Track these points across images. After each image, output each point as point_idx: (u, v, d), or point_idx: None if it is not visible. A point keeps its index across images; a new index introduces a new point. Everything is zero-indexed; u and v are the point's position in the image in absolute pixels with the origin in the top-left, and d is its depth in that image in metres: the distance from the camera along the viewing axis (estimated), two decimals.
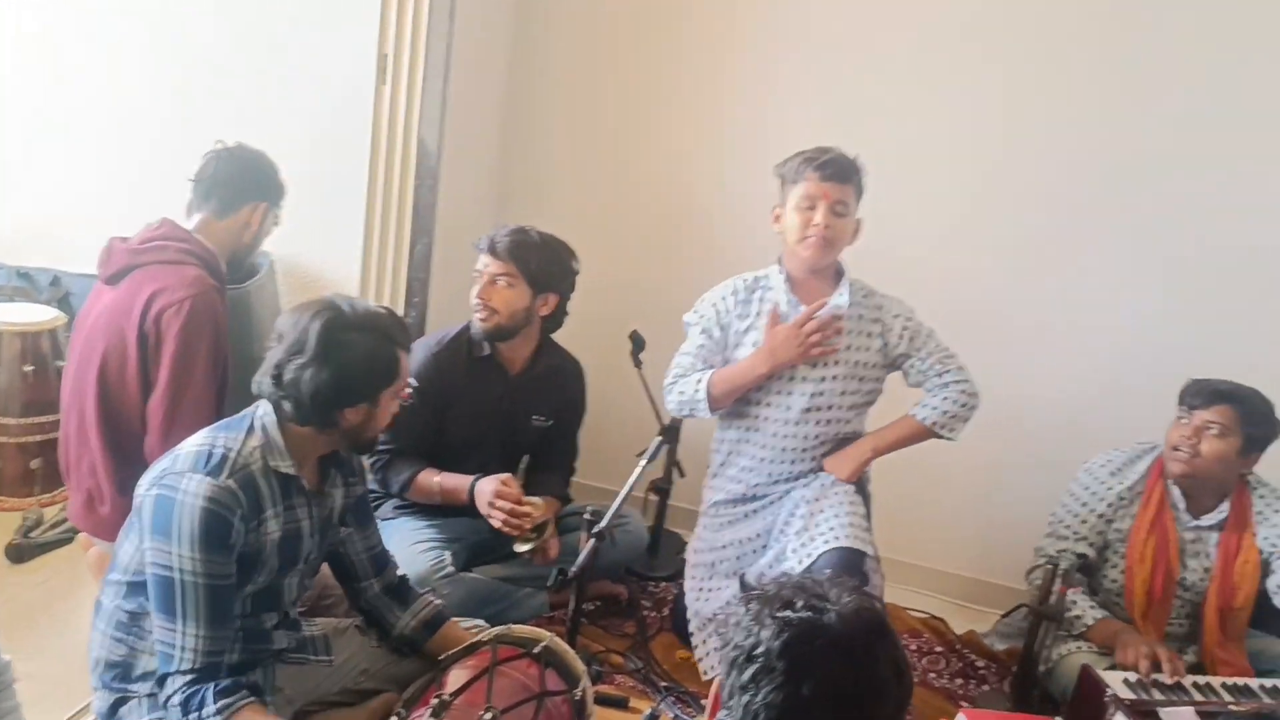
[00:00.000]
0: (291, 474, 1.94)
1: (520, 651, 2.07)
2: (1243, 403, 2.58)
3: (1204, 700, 2.41)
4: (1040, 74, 3.18)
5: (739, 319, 2.69)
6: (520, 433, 2.91)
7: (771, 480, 2.73)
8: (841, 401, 2.66)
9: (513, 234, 2.77)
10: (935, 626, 3.21)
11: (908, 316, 2.68)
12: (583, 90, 3.62)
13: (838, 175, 2.53)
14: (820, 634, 1.19)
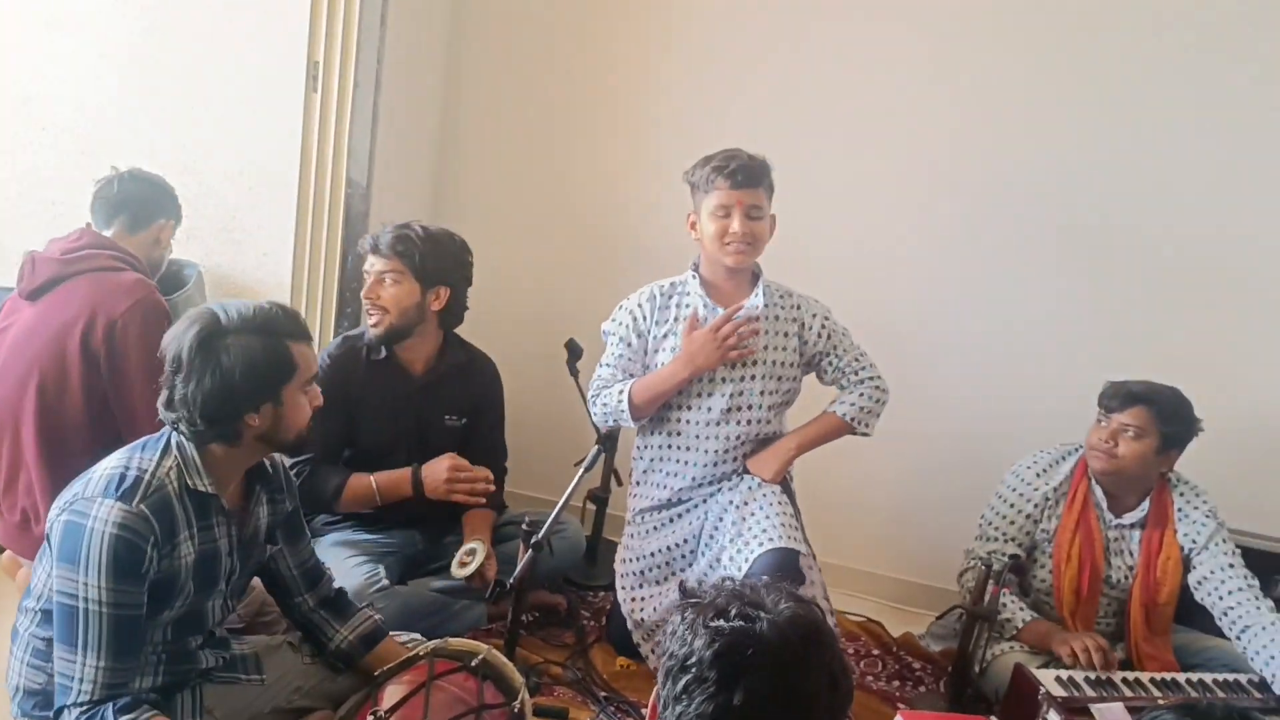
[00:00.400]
0: (210, 493, 1.89)
1: (457, 665, 2.06)
2: (1157, 404, 2.65)
3: (1133, 695, 2.46)
4: (961, 78, 3.24)
5: (657, 325, 2.71)
6: (434, 435, 2.85)
7: (696, 484, 2.74)
8: (762, 401, 2.69)
9: (396, 230, 2.72)
10: (872, 629, 3.24)
11: (825, 316, 2.76)
12: (518, 100, 3.61)
13: (748, 181, 2.56)
14: (752, 643, 1.18)
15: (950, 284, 3.34)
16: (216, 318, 1.85)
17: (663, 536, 2.77)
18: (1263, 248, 3.09)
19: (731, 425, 2.69)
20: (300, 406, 1.93)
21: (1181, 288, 3.17)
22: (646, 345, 2.72)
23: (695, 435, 2.70)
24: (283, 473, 2.11)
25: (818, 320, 2.73)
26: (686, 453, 2.72)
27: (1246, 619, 2.56)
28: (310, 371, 1.94)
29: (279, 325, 1.88)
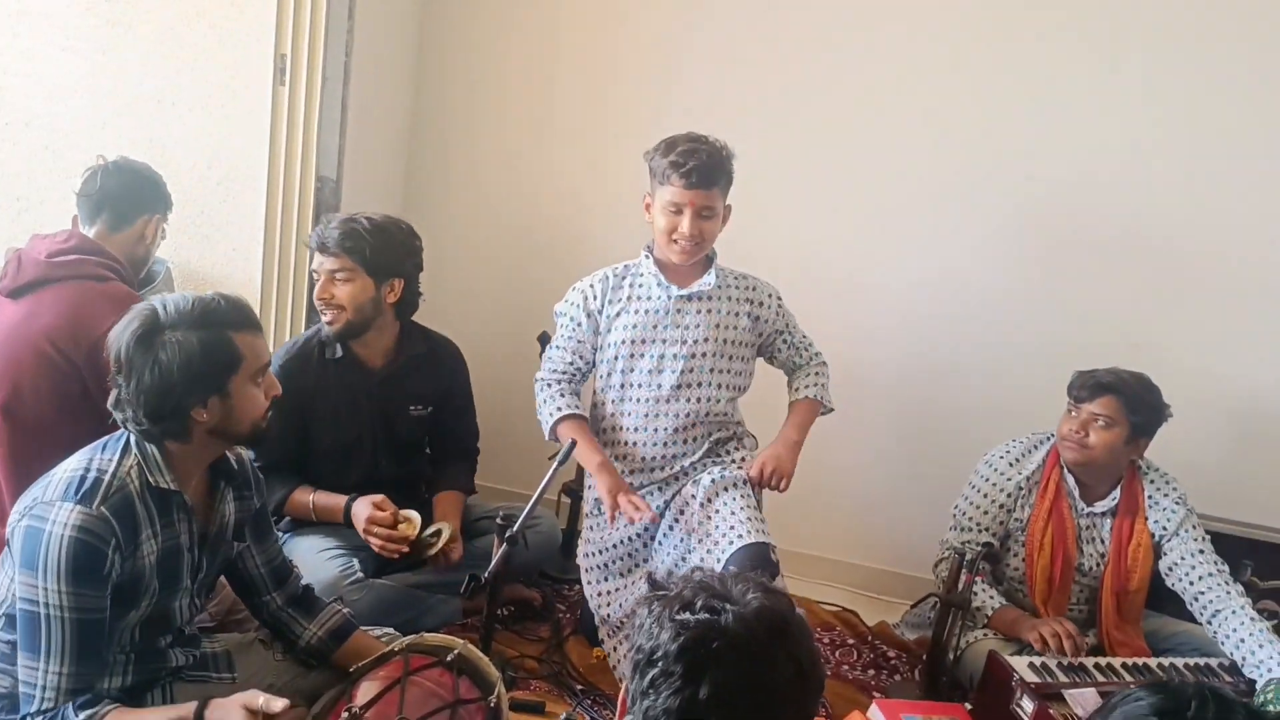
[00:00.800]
0: (172, 489, 1.86)
1: (433, 660, 2.03)
2: (1126, 393, 2.67)
3: (1106, 680, 2.48)
4: (919, 60, 3.25)
5: (610, 304, 2.71)
6: (401, 427, 2.82)
7: (648, 467, 2.73)
8: (712, 379, 2.70)
9: (342, 225, 2.64)
10: (847, 619, 3.25)
11: (779, 297, 2.81)
12: (487, 93, 3.59)
13: (702, 182, 2.54)
14: (717, 636, 1.18)
15: (920, 274, 3.35)
16: (155, 313, 1.81)
17: (623, 527, 2.77)
18: (1229, 233, 3.12)
19: (681, 403, 2.69)
20: (251, 397, 1.88)
21: (1149, 273, 3.19)
22: (598, 324, 2.73)
23: (644, 414, 2.70)
24: (250, 469, 2.09)
25: (773, 300, 2.77)
26: (635, 434, 2.72)
27: (1217, 604, 2.59)
28: (260, 361, 1.89)
29: (220, 316, 1.83)
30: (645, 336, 2.68)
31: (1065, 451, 2.74)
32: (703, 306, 2.68)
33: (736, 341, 2.72)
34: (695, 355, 2.68)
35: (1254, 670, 2.48)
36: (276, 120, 2.99)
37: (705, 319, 2.68)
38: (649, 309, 2.68)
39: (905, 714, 2.38)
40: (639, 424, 2.72)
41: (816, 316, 3.04)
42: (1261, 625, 2.53)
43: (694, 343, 2.68)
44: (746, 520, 2.55)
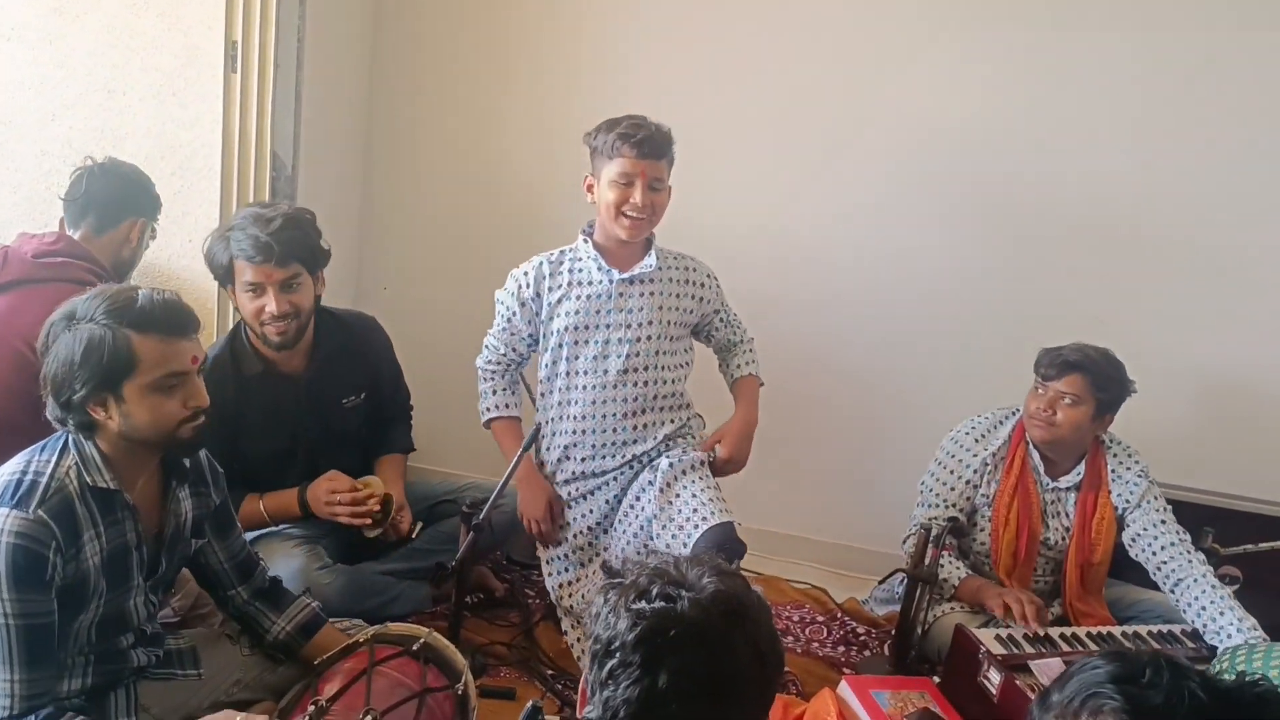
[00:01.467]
0: (112, 489, 1.82)
1: (399, 650, 2.03)
2: (1092, 371, 2.68)
3: (1070, 650, 2.50)
4: (879, 40, 3.24)
5: (550, 291, 2.70)
6: (337, 423, 2.71)
7: (598, 453, 2.73)
8: (658, 361, 2.70)
9: (279, 230, 2.42)
10: (816, 596, 3.27)
11: (716, 276, 2.82)
12: (446, 73, 3.55)
13: (654, 151, 2.55)
14: (673, 623, 1.17)
15: (884, 251, 3.35)
16: (75, 305, 1.79)
17: (580, 516, 2.77)
18: (1188, 209, 3.14)
19: (628, 386, 2.68)
20: (153, 405, 1.80)
21: (1111, 248, 3.21)
22: (533, 313, 2.72)
23: (592, 401, 2.70)
24: (206, 465, 2.06)
25: (711, 280, 2.80)
26: (585, 420, 2.71)
27: (1179, 573, 2.62)
28: (162, 369, 1.79)
29: (131, 316, 1.77)
30: (589, 322, 2.67)
31: (1033, 430, 2.76)
32: (645, 289, 2.68)
33: (679, 322, 2.73)
34: (640, 339, 2.67)
35: (1215, 637, 2.51)
36: (229, 109, 2.94)
37: (648, 301, 2.67)
38: (591, 294, 2.67)
39: (874, 689, 2.39)
40: (587, 411, 2.71)
41: (781, 295, 3.05)
42: (1222, 592, 2.56)
43: (638, 326, 2.67)
44: (709, 502, 2.57)
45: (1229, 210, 3.12)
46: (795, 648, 2.97)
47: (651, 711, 1.16)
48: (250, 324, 2.51)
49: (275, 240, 2.41)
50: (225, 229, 2.48)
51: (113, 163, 2.65)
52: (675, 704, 1.15)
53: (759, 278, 3.00)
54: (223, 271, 2.48)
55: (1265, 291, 3.14)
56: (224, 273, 2.48)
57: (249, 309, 2.47)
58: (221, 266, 2.47)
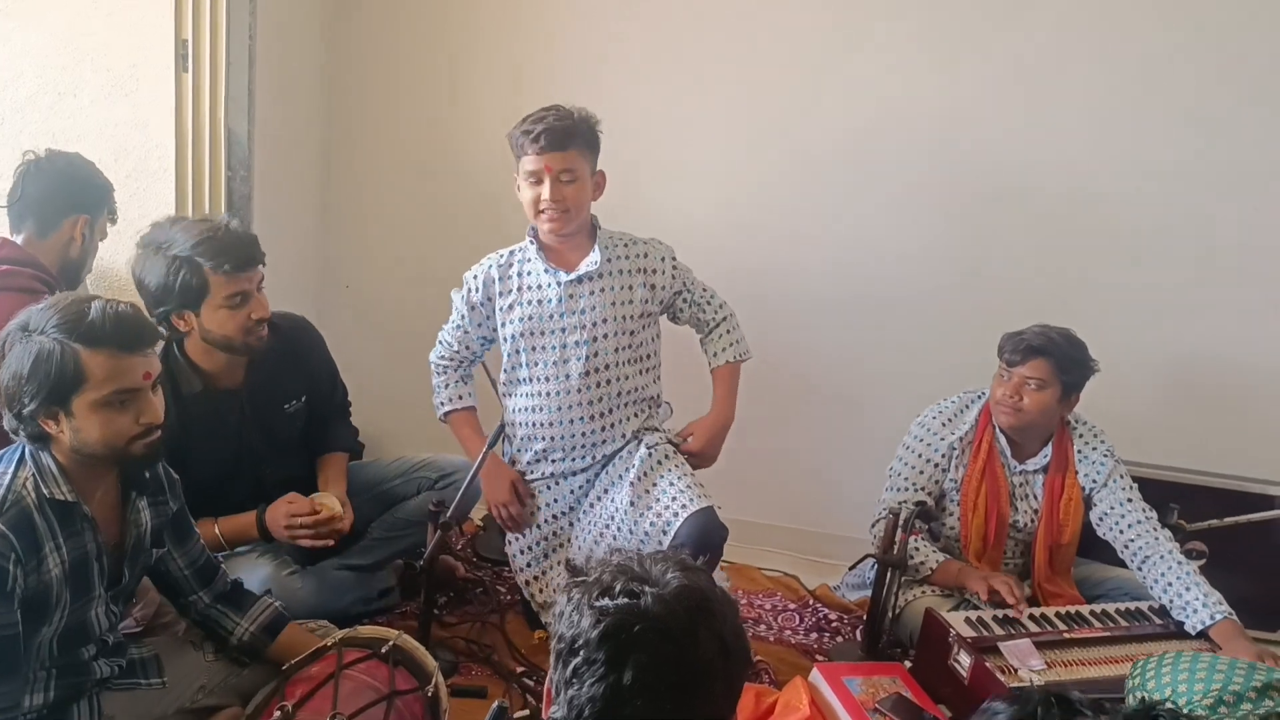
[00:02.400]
0: (70, 500, 1.80)
1: (367, 653, 2.02)
2: (1056, 353, 2.68)
3: (1040, 630, 2.52)
4: (830, 20, 3.24)
5: (501, 296, 2.68)
6: (282, 429, 2.67)
7: (569, 455, 2.72)
8: (618, 358, 2.67)
9: (251, 242, 2.42)
10: (788, 584, 3.27)
11: (673, 257, 2.74)
12: (403, 71, 3.52)
13: (554, 144, 2.48)
14: (637, 619, 1.16)
15: (847, 239, 3.36)
16: (31, 315, 1.76)
17: (547, 505, 2.77)
18: (1145, 183, 3.16)
19: (591, 389, 2.66)
20: (103, 423, 1.77)
21: (1069, 227, 3.22)
22: (484, 316, 2.72)
23: (557, 408, 2.68)
24: (163, 474, 2.03)
25: (666, 263, 2.71)
26: (551, 428, 2.70)
27: (1146, 550, 2.64)
28: (111, 386, 1.76)
29: (80, 330, 1.73)
30: (542, 328, 2.64)
31: (1000, 416, 2.76)
32: (594, 287, 2.64)
33: (635, 315, 2.67)
34: (597, 339, 2.64)
35: (1181, 612, 2.53)
36: (182, 109, 2.91)
37: (600, 299, 2.63)
38: (541, 299, 2.64)
39: (846, 676, 2.39)
40: (553, 418, 2.69)
41: (745, 285, 3.04)
42: (1189, 568, 2.58)
43: (592, 326, 2.64)
44: (688, 489, 2.58)
45: (1189, 191, 3.14)
46: (768, 636, 2.97)
47: (617, 709, 1.15)
48: (230, 338, 2.41)
49: (254, 248, 2.41)
50: (172, 252, 2.33)
51: (49, 158, 2.53)
52: (640, 700, 1.14)
53: (723, 268, 2.99)
54: (189, 297, 2.35)
55: (1225, 269, 3.17)
56: (190, 298, 2.35)
57: (235, 321, 2.39)
58: (188, 293, 2.34)
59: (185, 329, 2.40)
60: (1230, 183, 3.11)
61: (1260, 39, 3.02)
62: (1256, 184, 3.10)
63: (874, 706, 2.30)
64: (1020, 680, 2.28)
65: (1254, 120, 3.07)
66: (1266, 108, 3.05)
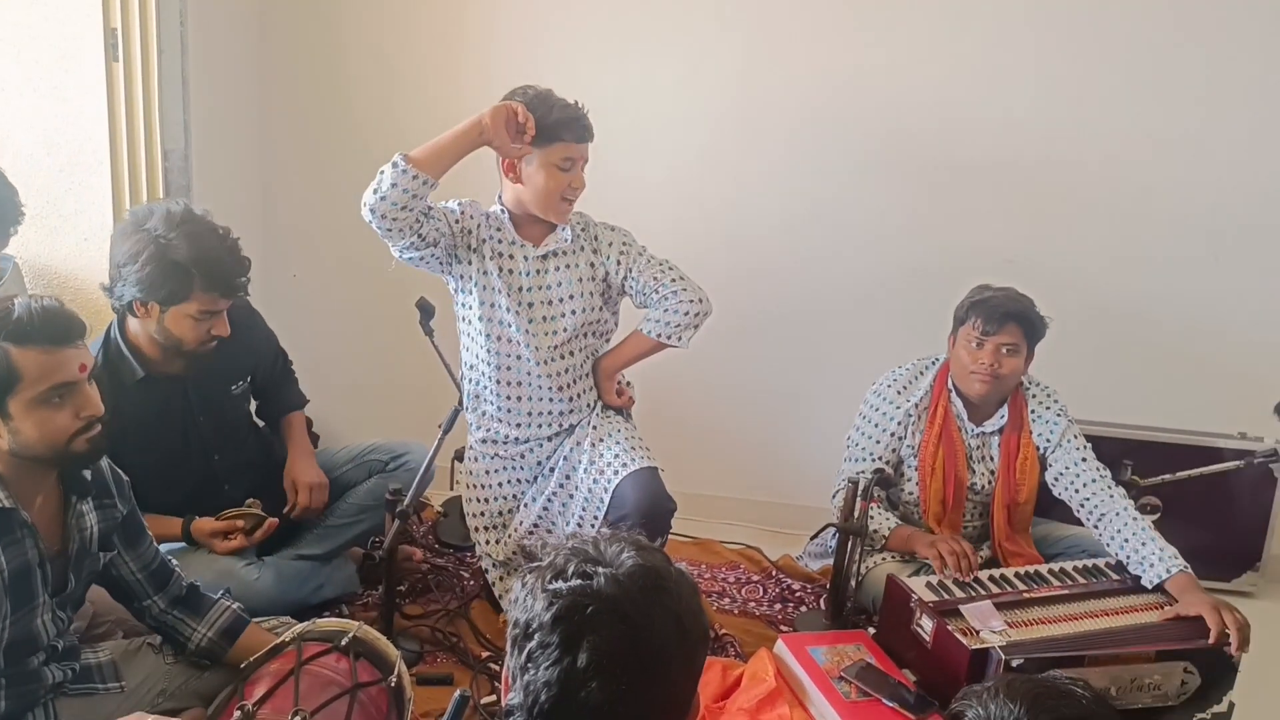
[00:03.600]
0: (7, 507, 1.76)
1: (327, 647, 1.99)
2: (1025, 317, 2.69)
3: (1000, 591, 2.54)
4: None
5: (484, 243, 2.62)
6: (230, 410, 2.66)
7: (532, 421, 2.72)
8: (584, 331, 2.70)
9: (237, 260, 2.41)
10: (750, 555, 3.28)
11: (623, 241, 2.73)
12: (345, 56, 3.45)
13: (589, 135, 2.57)
14: (591, 600, 1.15)
15: (793, 209, 3.36)
16: None
17: (508, 470, 2.77)
18: (1087, 144, 3.18)
19: (558, 361, 2.67)
20: (41, 422, 1.74)
21: (1013, 189, 3.25)
22: (465, 230, 2.60)
23: (520, 382, 2.68)
24: (109, 477, 1.98)
25: (614, 248, 2.71)
26: (518, 403, 2.70)
27: (1102, 508, 2.66)
28: (47, 382, 1.73)
29: (7, 329, 1.70)
30: (511, 303, 2.62)
31: (973, 385, 2.73)
32: (561, 263, 2.65)
33: (599, 292, 2.70)
34: (565, 314, 2.65)
35: (1138, 567, 2.57)
36: (113, 99, 2.83)
37: (567, 275, 2.65)
38: (513, 269, 2.63)
39: (810, 646, 2.41)
40: (520, 393, 2.69)
41: (694, 255, 3.02)
42: (1143, 524, 2.61)
43: (559, 302, 2.65)
44: (632, 449, 2.62)
45: (1133, 147, 3.17)
46: (732, 608, 2.98)
47: (573, 692, 1.13)
48: (186, 344, 2.41)
49: (246, 275, 2.43)
50: (171, 257, 2.31)
51: None
52: (596, 682, 1.13)
53: (674, 242, 2.97)
54: (173, 297, 2.34)
55: (1168, 224, 3.20)
56: (174, 298, 2.34)
57: (196, 332, 2.39)
58: (174, 293, 2.33)
59: (142, 316, 2.39)
60: (1171, 139, 3.14)
61: None
62: (1197, 139, 3.13)
63: (839, 675, 2.32)
64: (982, 642, 2.30)
65: (1187, 75, 3.10)
66: (1199, 56, 3.08)
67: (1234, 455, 3.06)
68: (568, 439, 2.73)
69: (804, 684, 2.31)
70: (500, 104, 2.46)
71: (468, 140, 2.44)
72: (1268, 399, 3.18)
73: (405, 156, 2.38)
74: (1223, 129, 3.12)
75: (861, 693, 2.28)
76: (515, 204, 2.63)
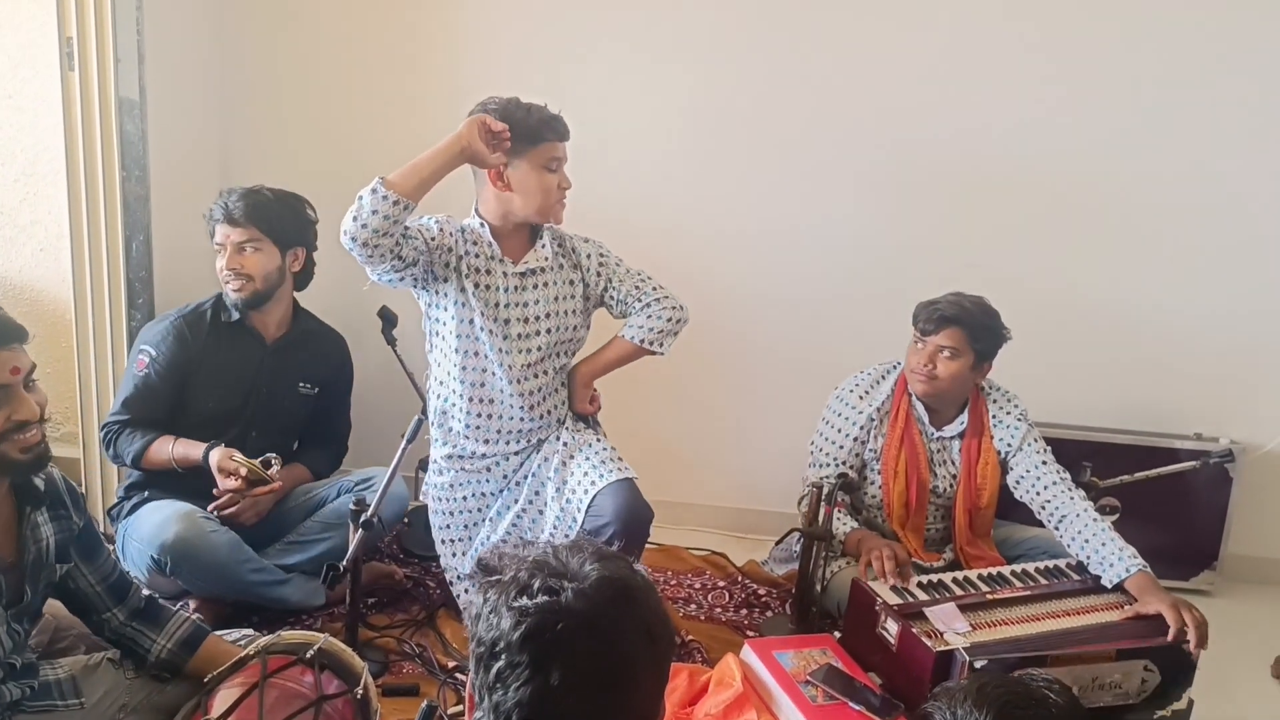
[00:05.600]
0: None
1: (292, 659, 1.97)
2: (968, 323, 2.73)
3: (964, 593, 2.56)
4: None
5: (462, 258, 2.57)
6: (287, 401, 2.85)
7: (501, 438, 2.69)
8: (556, 350, 2.69)
9: (246, 197, 2.71)
10: (716, 561, 3.28)
11: (600, 253, 2.75)
12: (306, 62, 3.42)
13: (568, 132, 2.55)
14: (561, 616, 1.13)
15: (757, 216, 3.37)
16: None
17: (472, 484, 2.73)
18: (1053, 148, 3.22)
19: (532, 380, 2.66)
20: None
21: (975, 196, 3.27)
22: (445, 248, 2.54)
23: (489, 400, 2.65)
24: (63, 487, 1.96)
25: (593, 260, 2.72)
26: (487, 420, 2.66)
27: (1062, 510, 2.69)
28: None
29: None
30: (487, 315, 2.59)
31: (915, 384, 2.80)
32: (538, 280, 2.64)
33: (572, 310, 2.70)
34: (539, 333, 2.64)
35: (1098, 567, 2.59)
36: (69, 108, 2.80)
37: (544, 294, 2.64)
38: (490, 284, 2.60)
39: (776, 650, 2.41)
40: (490, 410, 2.66)
41: (661, 262, 3.03)
42: (1103, 525, 2.64)
43: (535, 320, 2.63)
44: (602, 464, 2.60)
45: (1094, 150, 3.20)
46: (698, 615, 2.98)
47: (546, 710, 1.12)
48: (220, 282, 2.74)
49: (238, 204, 2.69)
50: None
51: None
52: (571, 698, 1.11)
53: (639, 249, 2.98)
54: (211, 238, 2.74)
55: (1127, 227, 3.24)
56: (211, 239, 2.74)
57: (218, 266, 2.73)
58: (210, 234, 2.74)
59: (296, 267, 2.83)
60: (1125, 144, 3.19)
61: None
62: (1150, 145, 3.18)
63: (805, 679, 2.33)
64: (947, 644, 2.32)
65: (1146, 75, 3.14)
66: (1149, 58, 3.13)
67: (1190, 456, 3.12)
68: (535, 454, 2.71)
69: (770, 688, 2.31)
70: (471, 118, 2.44)
71: (447, 158, 2.39)
72: (1222, 400, 3.26)
73: (384, 181, 2.32)
74: (1179, 134, 3.17)
75: (828, 696, 2.29)
76: (500, 216, 2.59)
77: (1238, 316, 3.26)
